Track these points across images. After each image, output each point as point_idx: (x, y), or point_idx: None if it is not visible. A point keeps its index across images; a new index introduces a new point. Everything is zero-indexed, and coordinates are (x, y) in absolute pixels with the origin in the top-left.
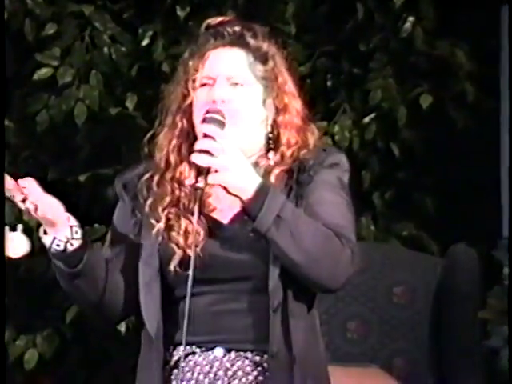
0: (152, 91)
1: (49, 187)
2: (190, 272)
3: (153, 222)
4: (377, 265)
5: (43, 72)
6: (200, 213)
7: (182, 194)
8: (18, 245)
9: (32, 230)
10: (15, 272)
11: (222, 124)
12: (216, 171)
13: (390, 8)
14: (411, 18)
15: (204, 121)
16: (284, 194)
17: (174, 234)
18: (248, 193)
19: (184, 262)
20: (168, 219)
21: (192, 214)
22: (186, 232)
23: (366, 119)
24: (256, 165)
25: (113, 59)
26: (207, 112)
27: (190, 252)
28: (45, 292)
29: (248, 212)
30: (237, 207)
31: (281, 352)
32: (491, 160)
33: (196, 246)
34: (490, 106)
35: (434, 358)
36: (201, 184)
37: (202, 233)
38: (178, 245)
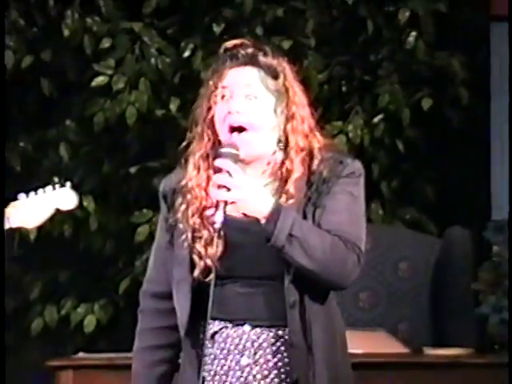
0: (192, 96)
1: (104, 179)
2: (212, 282)
3: (182, 229)
4: (384, 244)
5: (99, 80)
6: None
7: (208, 204)
8: (67, 199)
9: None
10: (75, 249)
11: (236, 156)
12: (233, 203)
13: (395, 24)
14: (414, 33)
15: (219, 156)
16: (303, 204)
17: (197, 245)
18: (263, 214)
19: (207, 269)
20: (193, 230)
21: (213, 226)
22: (206, 244)
23: (375, 119)
24: (273, 175)
25: (159, 68)
26: (222, 146)
27: (209, 262)
28: (101, 266)
29: (264, 231)
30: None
31: (298, 341)
32: (482, 154)
33: (214, 256)
34: (481, 107)
35: (433, 323)
36: (218, 218)
37: (220, 246)
38: (199, 255)
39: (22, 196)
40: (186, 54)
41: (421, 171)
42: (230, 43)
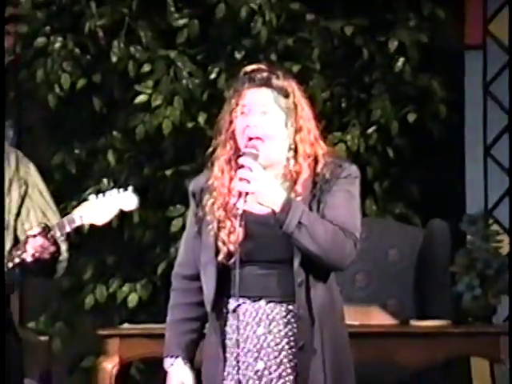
0: (217, 110)
1: (144, 180)
2: (237, 265)
3: (209, 220)
4: (377, 234)
5: (141, 98)
6: (241, 216)
7: (231, 200)
8: (129, 201)
9: None
10: (121, 238)
11: (256, 156)
12: (252, 193)
13: (386, 52)
14: (401, 59)
15: (243, 154)
16: (308, 199)
17: (221, 233)
18: (277, 206)
19: (230, 254)
20: (218, 221)
21: (235, 217)
22: (229, 233)
23: (369, 130)
24: (284, 176)
25: (189, 88)
26: (245, 147)
27: (231, 247)
28: (142, 252)
29: (277, 220)
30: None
31: (304, 314)
32: (458, 159)
33: (235, 243)
34: (456, 120)
35: (417, 299)
36: (240, 204)
37: (241, 231)
38: (223, 242)
39: (92, 197)
40: (213, 76)
41: (407, 173)
42: (248, 68)
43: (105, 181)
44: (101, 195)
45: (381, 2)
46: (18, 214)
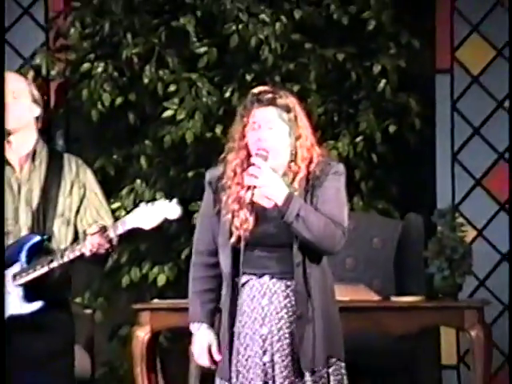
0: (231, 123)
1: (170, 180)
2: (242, 246)
3: (225, 211)
4: (363, 225)
5: (168, 113)
6: (252, 206)
7: (242, 194)
8: (174, 211)
9: None
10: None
11: (266, 157)
12: (259, 187)
13: (370, 74)
14: (383, 81)
15: (255, 155)
16: (303, 194)
17: (235, 222)
18: (279, 200)
19: (241, 238)
20: (233, 212)
21: (247, 209)
22: (242, 222)
23: (357, 139)
24: (285, 174)
25: (208, 105)
26: (258, 149)
27: (242, 232)
28: (169, 240)
29: (279, 212)
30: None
31: (301, 289)
32: (430, 163)
33: (247, 230)
34: (429, 132)
35: (396, 279)
36: (248, 195)
37: (251, 220)
38: (237, 229)
39: (143, 205)
40: (227, 94)
41: (388, 175)
42: (256, 90)
43: (138, 181)
44: (150, 204)
45: (367, 34)
46: (77, 212)
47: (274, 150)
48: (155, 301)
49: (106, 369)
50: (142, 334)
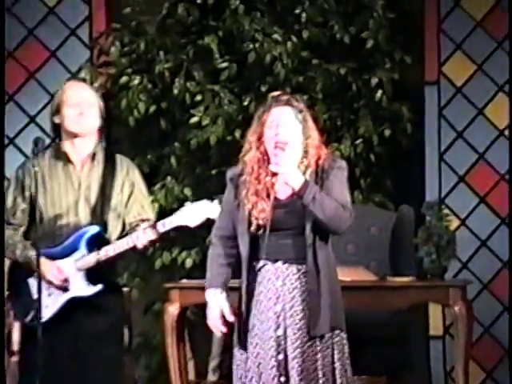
0: (249, 128)
1: (196, 177)
2: (267, 232)
3: (245, 202)
4: (362, 216)
5: (194, 119)
6: (268, 196)
7: (260, 188)
8: (215, 210)
9: None
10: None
11: (284, 150)
12: (282, 174)
13: (369, 86)
14: (380, 91)
15: (275, 147)
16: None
17: (254, 211)
18: (297, 185)
19: (260, 226)
20: (252, 203)
21: (265, 201)
22: (260, 211)
23: (357, 142)
24: (297, 168)
25: (229, 112)
26: (277, 142)
27: (260, 221)
28: (195, 228)
29: (298, 195)
30: (289, 191)
31: (312, 268)
32: (420, 163)
33: (264, 219)
34: (419, 135)
35: (391, 262)
36: (274, 180)
37: (268, 210)
38: (255, 218)
39: (187, 203)
40: (245, 103)
41: (384, 173)
42: (275, 93)
43: (168, 178)
44: (195, 203)
45: (365, 51)
46: (126, 206)
47: (290, 144)
48: (183, 281)
49: (142, 339)
50: (172, 309)
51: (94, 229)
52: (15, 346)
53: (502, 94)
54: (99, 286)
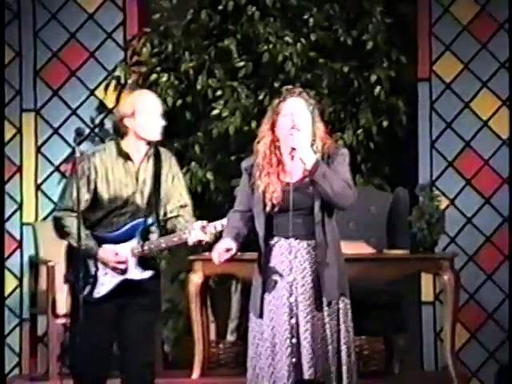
0: (262, 119)
1: (217, 163)
2: (290, 212)
3: (259, 183)
4: (363, 197)
5: (215, 111)
6: (280, 181)
7: (271, 171)
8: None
9: None
10: (203, 199)
11: (299, 130)
12: (299, 150)
13: (369, 82)
14: (378, 87)
15: (292, 128)
16: None
17: (267, 194)
18: (310, 163)
19: (274, 206)
20: (265, 185)
21: (277, 183)
22: (272, 192)
23: (358, 131)
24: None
25: (246, 105)
26: (293, 126)
27: (274, 201)
28: (216, 208)
29: (310, 172)
30: (299, 176)
31: (321, 242)
32: (413, 150)
33: (277, 199)
34: (413, 126)
35: (388, 237)
36: (289, 157)
37: (279, 191)
38: (269, 199)
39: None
40: (260, 97)
41: (382, 159)
42: (289, 86)
43: (193, 163)
44: (206, 222)
45: (366, 52)
46: (168, 195)
47: (303, 129)
48: (206, 253)
49: (169, 304)
50: (196, 278)
51: (150, 220)
52: (60, 310)
53: (486, 90)
54: (150, 272)
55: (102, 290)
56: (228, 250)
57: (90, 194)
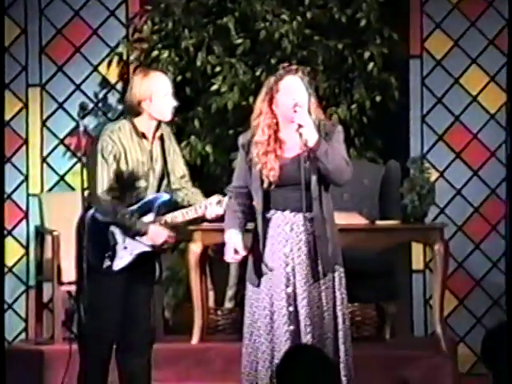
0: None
1: (216, 137)
2: (302, 182)
3: (256, 161)
4: (357, 170)
5: (214, 87)
6: (276, 155)
7: (269, 149)
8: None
9: None
10: (202, 171)
11: (302, 107)
12: (304, 126)
13: (362, 59)
14: (371, 63)
15: (294, 106)
16: None
17: (264, 170)
18: (313, 140)
19: (269, 182)
20: (263, 163)
21: (274, 161)
22: (269, 169)
23: (352, 107)
24: None
25: (243, 81)
26: (296, 104)
27: (271, 178)
28: (214, 180)
29: (312, 150)
30: (296, 152)
31: (318, 216)
32: (405, 124)
33: (274, 176)
34: (404, 100)
35: (380, 208)
36: (286, 133)
37: (277, 168)
38: (266, 176)
39: (218, 196)
40: (257, 73)
41: (375, 132)
42: (285, 64)
43: (192, 137)
44: (221, 197)
45: (359, 29)
46: (171, 167)
47: (303, 106)
48: (205, 224)
49: (169, 272)
50: (195, 248)
51: (165, 196)
52: (65, 278)
53: (476, 66)
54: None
55: (120, 263)
56: (236, 252)
57: (113, 170)
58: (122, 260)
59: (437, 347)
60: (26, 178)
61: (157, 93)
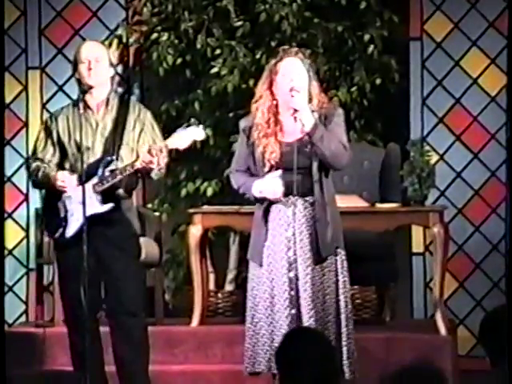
0: (260, 78)
1: (216, 119)
2: (295, 166)
3: (257, 143)
4: (357, 152)
5: (214, 69)
6: (278, 140)
7: (269, 131)
8: (200, 134)
9: None
10: (201, 154)
11: (299, 92)
12: (300, 110)
13: (362, 42)
14: (372, 46)
15: (291, 90)
16: None
17: (266, 154)
18: (309, 125)
19: (272, 166)
20: (264, 145)
21: (275, 144)
22: (271, 152)
23: (353, 89)
24: None
25: (244, 64)
26: (292, 87)
27: (272, 161)
28: (215, 162)
29: (308, 134)
30: (296, 136)
31: (319, 200)
32: (406, 106)
33: (275, 159)
34: (405, 82)
35: (380, 192)
36: (287, 117)
37: (278, 151)
38: (268, 159)
39: (178, 129)
40: (257, 56)
41: (375, 115)
42: (285, 47)
43: (192, 120)
44: (182, 129)
45: (359, 11)
46: (138, 141)
47: (302, 89)
48: (205, 207)
49: (170, 255)
50: (195, 231)
51: (108, 159)
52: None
53: (476, 49)
54: (110, 205)
55: (70, 230)
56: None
57: (55, 145)
58: (70, 228)
59: (436, 330)
60: (27, 160)
61: (78, 60)
